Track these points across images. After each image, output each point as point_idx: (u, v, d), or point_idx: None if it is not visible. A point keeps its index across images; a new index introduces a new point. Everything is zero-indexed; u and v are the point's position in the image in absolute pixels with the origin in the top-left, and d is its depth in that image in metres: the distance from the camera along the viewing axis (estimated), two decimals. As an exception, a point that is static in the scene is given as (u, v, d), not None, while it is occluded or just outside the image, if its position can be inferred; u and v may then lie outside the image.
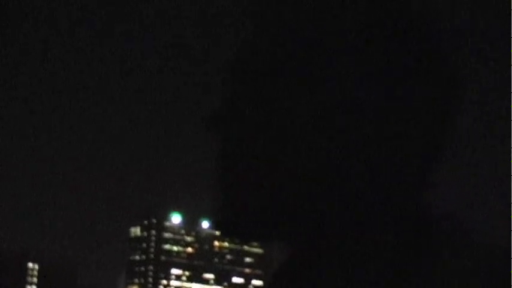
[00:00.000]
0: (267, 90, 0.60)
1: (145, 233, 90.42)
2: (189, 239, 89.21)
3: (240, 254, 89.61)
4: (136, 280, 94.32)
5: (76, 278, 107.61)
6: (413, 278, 0.58)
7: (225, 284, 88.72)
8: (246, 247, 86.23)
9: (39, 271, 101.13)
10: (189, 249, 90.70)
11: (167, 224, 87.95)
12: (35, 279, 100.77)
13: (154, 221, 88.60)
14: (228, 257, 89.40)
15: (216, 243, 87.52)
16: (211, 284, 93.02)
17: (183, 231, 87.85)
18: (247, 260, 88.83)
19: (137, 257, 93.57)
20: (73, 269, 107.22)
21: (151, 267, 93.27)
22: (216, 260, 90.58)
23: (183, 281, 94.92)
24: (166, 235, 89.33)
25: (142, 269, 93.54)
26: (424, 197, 0.61)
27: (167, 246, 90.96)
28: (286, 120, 0.59)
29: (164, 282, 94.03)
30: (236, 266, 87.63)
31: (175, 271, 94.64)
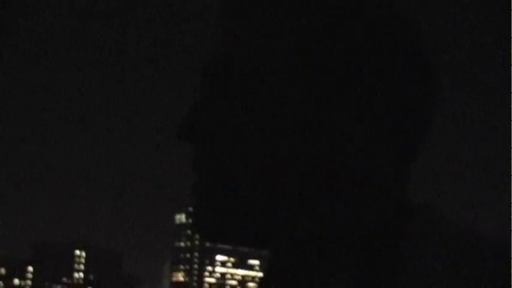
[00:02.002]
0: (237, 94, 0.60)
1: (190, 220, 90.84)
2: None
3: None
4: (181, 267, 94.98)
5: (121, 265, 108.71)
6: (393, 268, 0.60)
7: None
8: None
9: (86, 258, 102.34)
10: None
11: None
12: (82, 267, 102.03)
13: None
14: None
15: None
16: (257, 270, 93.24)
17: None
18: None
19: (182, 244, 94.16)
20: (119, 256, 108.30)
21: (196, 254, 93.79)
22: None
23: (228, 267, 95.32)
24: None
25: (188, 255, 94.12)
26: (401, 188, 0.62)
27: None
28: (260, 122, 0.60)
29: (209, 268, 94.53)
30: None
31: (220, 257, 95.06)
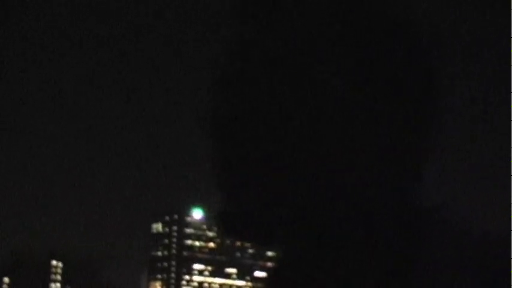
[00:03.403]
0: (261, 93, 0.61)
1: (167, 229, 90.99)
2: (210, 234, 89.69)
3: (262, 248, 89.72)
4: (159, 276, 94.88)
5: (99, 275, 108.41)
6: (409, 268, 0.60)
7: (248, 278, 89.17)
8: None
9: (63, 269, 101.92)
10: (211, 244, 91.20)
11: (189, 219, 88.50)
12: (59, 277, 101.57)
13: (175, 216, 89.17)
14: (250, 251, 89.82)
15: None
16: (234, 279, 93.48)
17: (204, 226, 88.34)
18: (269, 253, 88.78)
19: (159, 253, 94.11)
20: (96, 266, 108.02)
21: (173, 263, 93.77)
22: (238, 254, 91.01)
23: (205, 275, 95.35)
24: (188, 230, 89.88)
25: (165, 264, 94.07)
26: (416, 190, 0.63)
27: (189, 242, 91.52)
28: (282, 123, 0.60)
29: (187, 277, 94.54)
30: (258, 260, 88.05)
31: (197, 266, 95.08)
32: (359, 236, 0.60)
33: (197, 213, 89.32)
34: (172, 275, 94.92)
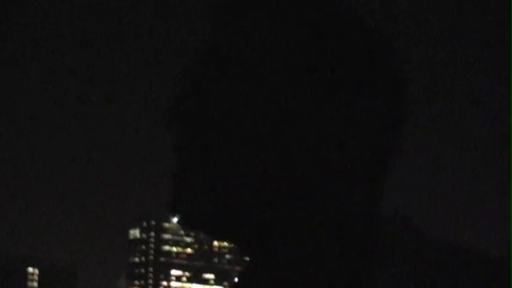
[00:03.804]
0: (221, 88, 0.61)
1: (144, 235, 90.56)
2: (188, 239, 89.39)
3: (239, 253, 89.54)
4: (136, 282, 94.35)
5: (76, 282, 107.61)
6: (363, 277, 0.60)
7: (225, 284, 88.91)
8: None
9: (39, 275, 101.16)
10: (189, 250, 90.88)
11: (166, 225, 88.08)
12: (35, 284, 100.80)
13: (153, 222, 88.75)
14: (228, 256, 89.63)
15: (216, 243, 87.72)
16: (212, 284, 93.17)
17: (182, 232, 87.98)
18: (247, 259, 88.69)
19: (137, 259, 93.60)
20: (73, 272, 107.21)
21: (151, 269, 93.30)
22: (215, 260, 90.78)
23: (183, 281, 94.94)
24: (166, 236, 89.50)
25: (142, 271, 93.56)
26: (374, 200, 0.62)
27: (166, 248, 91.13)
28: (242, 120, 0.60)
29: (164, 283, 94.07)
30: (236, 265, 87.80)
31: (175, 272, 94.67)
32: (311, 245, 0.60)
33: (174, 219, 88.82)
34: (150, 281, 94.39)
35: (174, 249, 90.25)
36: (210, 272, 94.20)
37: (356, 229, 0.61)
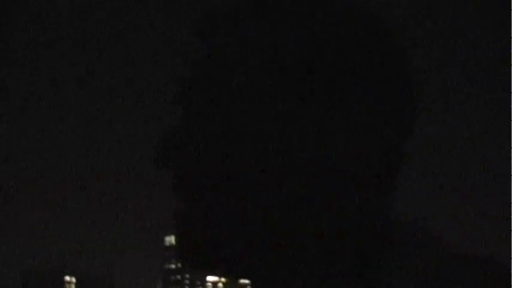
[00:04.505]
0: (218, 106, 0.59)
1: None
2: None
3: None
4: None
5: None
6: (378, 281, 0.59)
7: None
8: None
9: (76, 284, 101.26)
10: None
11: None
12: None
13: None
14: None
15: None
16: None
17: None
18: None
19: (173, 266, 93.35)
20: (109, 280, 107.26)
21: (187, 276, 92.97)
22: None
23: (219, 287, 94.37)
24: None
25: (179, 277, 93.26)
26: (390, 205, 0.61)
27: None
28: (244, 136, 0.58)
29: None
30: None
31: (211, 278, 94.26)
32: (327, 248, 0.58)
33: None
34: (186, 287, 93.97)
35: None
36: (246, 278, 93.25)
37: (368, 231, 0.59)
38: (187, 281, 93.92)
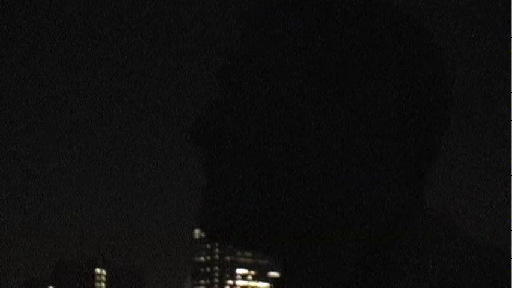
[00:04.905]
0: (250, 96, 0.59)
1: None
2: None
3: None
4: (202, 281, 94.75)
5: (143, 282, 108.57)
6: (403, 273, 0.70)
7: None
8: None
9: (106, 276, 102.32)
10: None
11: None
12: (103, 285, 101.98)
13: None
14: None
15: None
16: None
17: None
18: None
19: (202, 258, 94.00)
20: (139, 272, 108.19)
21: (216, 268, 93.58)
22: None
23: (248, 280, 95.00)
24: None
25: (208, 269, 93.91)
26: (420, 198, 0.61)
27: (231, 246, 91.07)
28: (275, 124, 0.59)
29: (230, 282, 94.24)
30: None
31: (240, 271, 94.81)
32: (345, 236, 0.58)
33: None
34: (216, 280, 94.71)
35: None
36: (276, 270, 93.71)
37: (401, 225, 0.59)
38: (216, 274, 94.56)
